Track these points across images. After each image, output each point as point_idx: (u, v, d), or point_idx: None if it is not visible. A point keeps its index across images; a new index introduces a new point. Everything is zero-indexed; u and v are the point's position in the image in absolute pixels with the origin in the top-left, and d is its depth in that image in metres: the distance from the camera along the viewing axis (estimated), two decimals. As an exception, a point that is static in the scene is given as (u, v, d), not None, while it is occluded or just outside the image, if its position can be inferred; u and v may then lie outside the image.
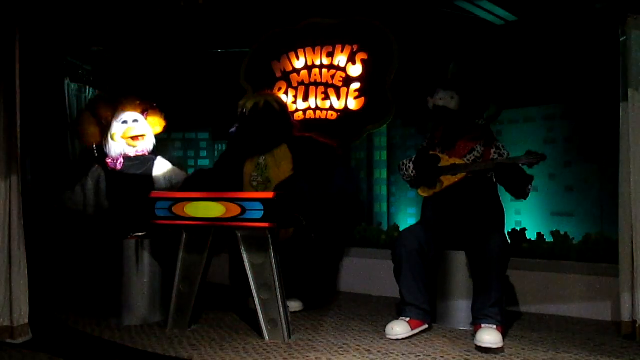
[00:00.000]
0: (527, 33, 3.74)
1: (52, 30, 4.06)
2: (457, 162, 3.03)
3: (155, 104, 3.92)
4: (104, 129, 3.75)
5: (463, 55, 3.29)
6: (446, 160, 3.05)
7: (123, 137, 3.65)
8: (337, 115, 4.31)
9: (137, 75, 4.97)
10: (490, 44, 3.81)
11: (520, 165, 2.91)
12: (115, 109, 3.77)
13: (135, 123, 3.70)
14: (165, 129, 3.97)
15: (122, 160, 3.67)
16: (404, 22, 4.17)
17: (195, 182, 3.47)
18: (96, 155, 3.80)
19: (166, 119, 3.93)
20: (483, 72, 3.18)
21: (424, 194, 3.14)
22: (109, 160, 3.68)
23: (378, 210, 4.23)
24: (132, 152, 3.68)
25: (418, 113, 3.95)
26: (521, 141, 3.66)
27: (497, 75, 3.27)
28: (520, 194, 2.96)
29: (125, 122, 3.69)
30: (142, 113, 3.78)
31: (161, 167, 3.70)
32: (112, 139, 3.67)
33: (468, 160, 3.04)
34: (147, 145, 3.75)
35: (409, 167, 3.17)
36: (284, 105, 3.72)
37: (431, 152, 3.08)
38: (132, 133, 3.66)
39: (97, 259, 3.61)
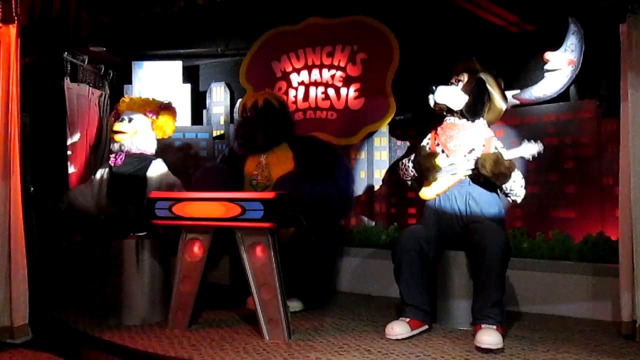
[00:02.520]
0: (528, 33, 3.74)
1: (52, 29, 4.06)
2: (454, 163, 3.05)
3: (169, 103, 4.00)
4: None
5: (466, 53, 3.29)
6: (445, 161, 3.06)
7: (110, 131, 3.73)
8: (337, 115, 4.31)
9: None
10: (491, 43, 3.80)
11: (520, 156, 2.95)
12: (127, 107, 3.86)
13: (128, 121, 3.74)
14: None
15: (124, 157, 3.69)
16: (403, 22, 4.17)
17: (210, 177, 3.45)
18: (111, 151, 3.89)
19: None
20: (486, 71, 3.18)
21: (425, 197, 3.15)
22: (112, 157, 3.73)
23: (378, 210, 4.22)
24: (116, 148, 3.73)
25: (418, 113, 3.95)
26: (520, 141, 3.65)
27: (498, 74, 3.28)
28: (508, 196, 3.00)
29: (122, 119, 3.75)
30: (156, 112, 3.84)
31: (156, 168, 3.70)
32: (109, 135, 3.77)
33: (467, 159, 3.05)
34: (139, 143, 3.76)
35: (408, 166, 3.20)
36: (284, 104, 3.75)
37: (428, 151, 3.10)
38: (116, 128, 3.71)
39: (97, 259, 3.61)
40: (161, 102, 4.02)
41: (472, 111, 3.13)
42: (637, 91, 2.66)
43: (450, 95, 3.14)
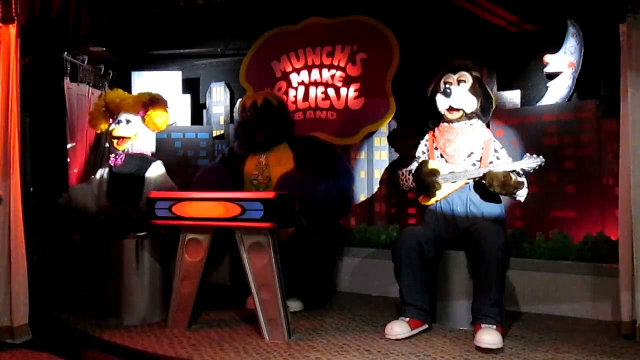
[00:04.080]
0: (528, 33, 3.74)
1: (52, 29, 4.06)
2: (454, 171, 3.03)
3: (159, 97, 3.88)
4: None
5: (462, 52, 3.28)
6: (444, 168, 3.05)
7: (110, 136, 3.70)
8: (337, 115, 4.31)
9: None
10: (491, 44, 3.81)
11: (520, 169, 2.93)
12: (120, 107, 3.81)
13: (127, 124, 3.71)
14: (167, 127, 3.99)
15: (124, 157, 3.68)
16: (403, 22, 4.17)
17: (210, 179, 3.44)
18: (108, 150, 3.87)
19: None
20: (477, 69, 3.18)
21: (425, 203, 3.14)
22: (112, 157, 3.72)
23: (378, 210, 4.22)
24: (119, 152, 3.71)
25: (418, 113, 3.94)
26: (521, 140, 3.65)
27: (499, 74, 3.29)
28: (512, 197, 2.97)
29: (119, 122, 3.72)
30: (144, 109, 3.78)
31: (155, 170, 3.69)
32: (108, 137, 3.73)
33: (467, 163, 3.04)
34: (139, 145, 3.74)
35: (409, 178, 3.18)
36: (283, 103, 3.76)
37: (430, 167, 3.05)
38: (116, 133, 3.68)
39: (97, 259, 3.61)
40: (146, 99, 3.81)
41: (487, 112, 3.11)
42: (637, 91, 2.66)
43: (466, 98, 3.07)
